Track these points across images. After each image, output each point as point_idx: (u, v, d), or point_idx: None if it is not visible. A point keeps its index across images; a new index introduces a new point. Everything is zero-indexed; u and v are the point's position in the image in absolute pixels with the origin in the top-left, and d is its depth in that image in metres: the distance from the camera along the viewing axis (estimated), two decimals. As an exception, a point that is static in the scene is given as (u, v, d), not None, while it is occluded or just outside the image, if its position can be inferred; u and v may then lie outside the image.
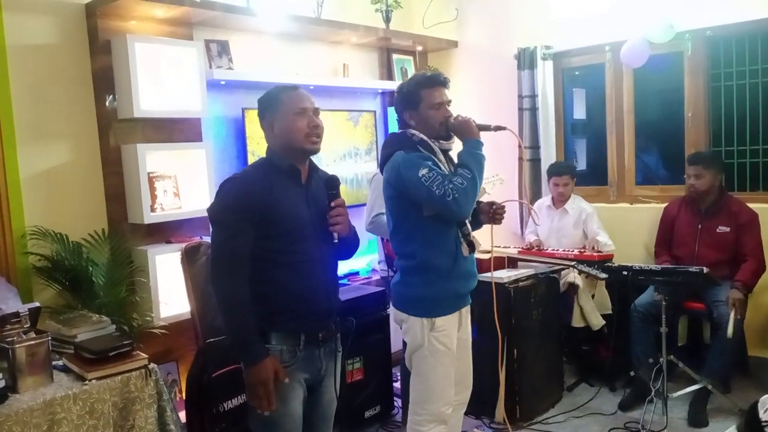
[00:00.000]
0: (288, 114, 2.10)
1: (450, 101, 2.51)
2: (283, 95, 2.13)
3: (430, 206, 2.36)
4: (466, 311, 2.61)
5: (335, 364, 2.23)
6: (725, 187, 3.87)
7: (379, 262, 3.53)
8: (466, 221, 2.47)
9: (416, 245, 2.43)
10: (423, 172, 2.30)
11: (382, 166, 2.54)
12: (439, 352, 2.45)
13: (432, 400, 2.48)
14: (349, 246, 2.28)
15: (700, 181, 3.68)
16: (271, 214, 2.04)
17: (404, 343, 2.61)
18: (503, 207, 2.60)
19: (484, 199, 2.90)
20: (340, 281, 3.94)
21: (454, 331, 2.51)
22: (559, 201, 4.26)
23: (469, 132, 2.43)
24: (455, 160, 2.51)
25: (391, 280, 3.28)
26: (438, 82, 2.48)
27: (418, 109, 2.46)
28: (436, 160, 2.41)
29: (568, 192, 4.22)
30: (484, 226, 2.68)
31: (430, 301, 2.44)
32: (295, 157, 2.14)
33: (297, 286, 2.08)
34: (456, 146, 2.55)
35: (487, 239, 2.77)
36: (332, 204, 2.14)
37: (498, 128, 2.51)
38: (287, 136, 2.10)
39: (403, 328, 2.54)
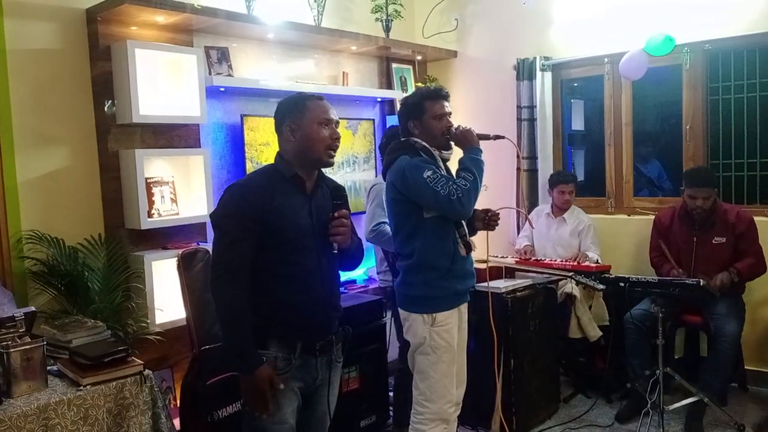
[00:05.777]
0: (313, 122, 2.08)
1: (450, 113, 2.63)
2: (310, 102, 2.11)
3: (434, 206, 2.45)
4: (464, 309, 2.68)
5: (331, 375, 2.19)
6: (718, 198, 3.87)
7: (378, 273, 3.50)
8: (463, 223, 2.55)
9: (416, 245, 2.52)
10: (428, 174, 2.43)
11: (385, 170, 2.63)
12: (441, 347, 2.51)
13: (434, 399, 2.53)
14: (351, 257, 2.27)
15: (707, 202, 3.63)
16: (271, 223, 2.01)
17: (407, 344, 2.61)
18: (497, 214, 2.69)
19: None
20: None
21: (455, 327, 2.57)
22: (560, 209, 4.27)
23: (470, 141, 2.56)
24: (452, 172, 2.60)
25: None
26: (441, 95, 2.61)
27: (421, 118, 2.58)
28: (436, 166, 2.50)
29: (572, 199, 4.25)
30: (480, 236, 2.73)
31: (430, 299, 2.52)
32: (306, 167, 2.11)
33: (293, 299, 2.06)
34: (454, 158, 2.63)
35: (483, 248, 2.78)
36: (335, 214, 2.11)
37: (497, 137, 2.65)
38: (308, 144, 2.08)
39: (405, 327, 2.60)
